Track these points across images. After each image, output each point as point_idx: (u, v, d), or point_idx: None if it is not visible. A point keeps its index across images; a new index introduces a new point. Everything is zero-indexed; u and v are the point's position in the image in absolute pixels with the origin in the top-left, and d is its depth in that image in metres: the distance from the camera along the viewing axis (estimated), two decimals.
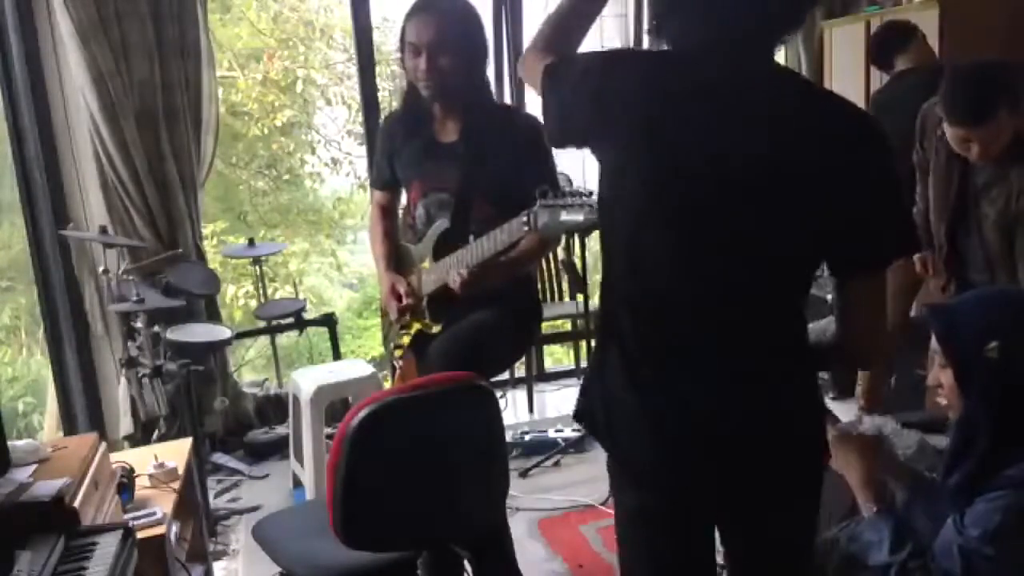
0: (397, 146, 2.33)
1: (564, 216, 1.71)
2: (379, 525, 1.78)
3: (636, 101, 1.25)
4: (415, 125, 2.27)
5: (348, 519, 1.74)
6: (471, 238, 2.11)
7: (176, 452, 2.69)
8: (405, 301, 2.27)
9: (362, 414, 1.72)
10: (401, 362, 2.40)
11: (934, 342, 1.57)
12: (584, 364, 4.01)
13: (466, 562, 2.19)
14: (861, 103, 4.08)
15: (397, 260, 2.42)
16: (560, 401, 4.26)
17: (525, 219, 1.84)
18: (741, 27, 1.23)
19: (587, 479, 3.37)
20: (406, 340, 2.36)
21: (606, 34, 4.86)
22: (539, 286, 4.07)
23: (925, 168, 2.86)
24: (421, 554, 2.06)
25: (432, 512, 1.84)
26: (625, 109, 1.26)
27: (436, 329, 2.25)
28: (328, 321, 3.96)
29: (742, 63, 1.24)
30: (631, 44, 4.64)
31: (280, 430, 3.85)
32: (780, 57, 2.06)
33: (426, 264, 2.27)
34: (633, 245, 1.30)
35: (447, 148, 2.22)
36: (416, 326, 2.32)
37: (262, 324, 3.99)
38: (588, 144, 1.36)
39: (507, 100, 4.30)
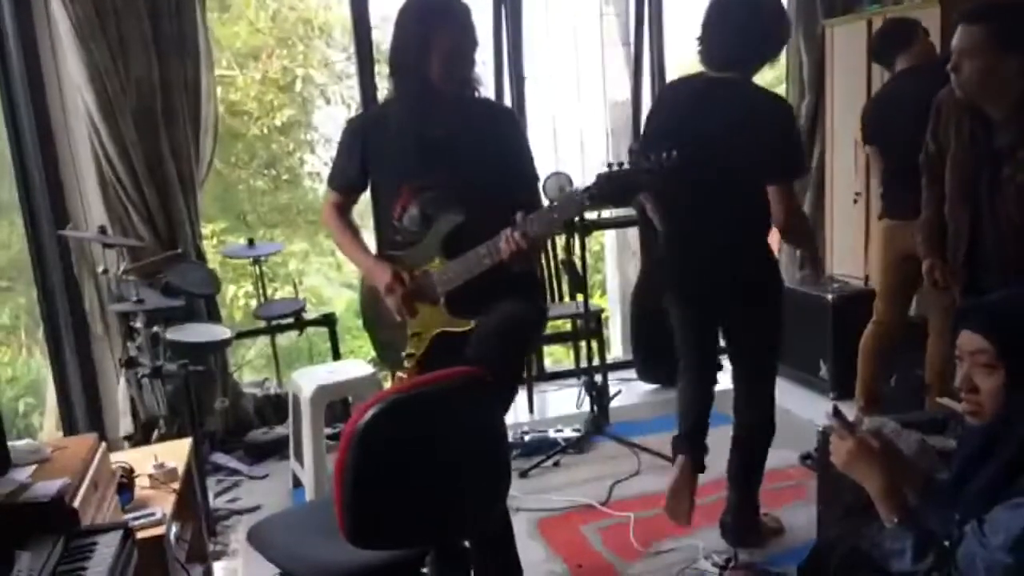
0: (376, 147, 2.25)
1: (631, 178, 1.97)
2: (389, 524, 1.78)
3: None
4: (403, 124, 2.21)
5: (358, 519, 1.73)
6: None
7: (176, 452, 2.69)
8: (410, 285, 2.19)
9: (370, 413, 1.71)
10: (407, 371, 2.28)
11: (967, 342, 1.52)
12: (584, 364, 4.01)
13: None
14: (863, 101, 4.08)
15: None
16: (560, 401, 4.26)
17: (585, 191, 1.99)
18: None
19: (587, 479, 3.37)
20: (421, 349, 2.25)
21: (606, 34, 4.87)
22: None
23: (936, 164, 2.65)
24: (427, 552, 2.06)
25: (442, 507, 1.85)
26: None
27: (467, 327, 2.17)
28: (328, 321, 3.96)
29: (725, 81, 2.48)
30: (631, 43, 4.64)
31: (280, 430, 3.85)
32: (781, 57, 3.14)
33: (436, 264, 2.19)
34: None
35: (437, 144, 2.18)
36: (433, 331, 2.22)
37: (262, 324, 3.98)
38: None
39: (507, 98, 4.31)
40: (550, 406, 4.27)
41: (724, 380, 3.43)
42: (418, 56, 2.12)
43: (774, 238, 2.68)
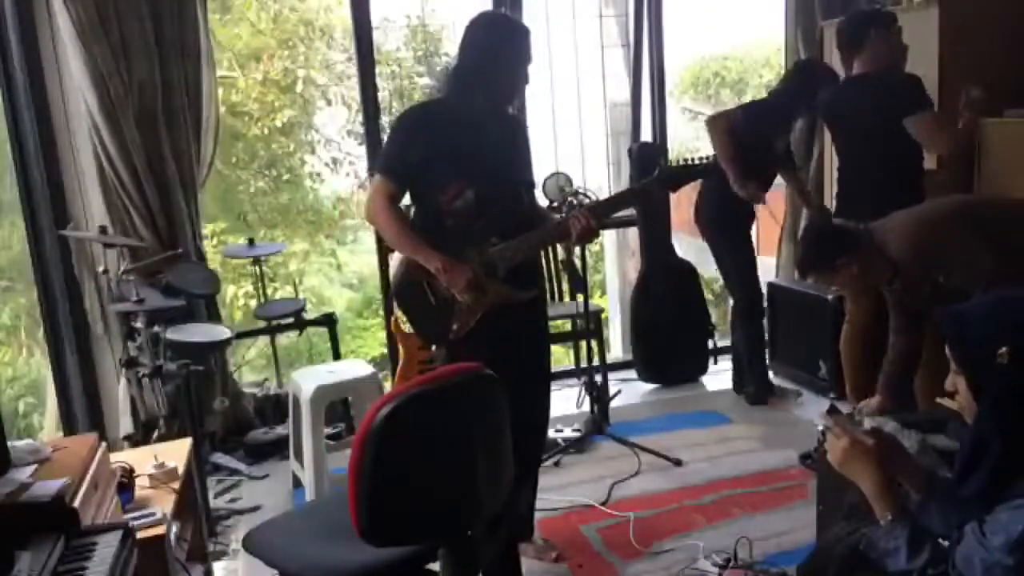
0: (442, 141, 2.41)
1: (694, 170, 2.45)
2: (406, 519, 1.79)
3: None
4: (467, 125, 2.41)
5: (375, 517, 1.74)
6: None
7: (176, 452, 2.70)
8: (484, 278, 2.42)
9: (384, 411, 1.72)
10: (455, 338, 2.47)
11: (945, 349, 1.54)
12: (584, 364, 4.01)
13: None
14: None
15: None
16: (560, 401, 4.25)
17: (652, 178, 2.48)
18: None
19: (587, 479, 3.37)
20: (472, 321, 2.45)
21: (606, 35, 4.88)
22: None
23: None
24: (430, 552, 2.06)
25: (457, 500, 1.87)
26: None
27: (529, 296, 2.50)
28: (328, 321, 3.96)
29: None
30: (630, 44, 4.65)
31: (280, 430, 3.85)
32: (780, 57, 3.84)
33: (494, 243, 2.43)
34: None
35: (492, 144, 2.44)
36: (489, 303, 2.43)
37: (262, 324, 3.99)
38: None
39: None
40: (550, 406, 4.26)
41: (720, 382, 4.28)
42: (493, 73, 2.40)
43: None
